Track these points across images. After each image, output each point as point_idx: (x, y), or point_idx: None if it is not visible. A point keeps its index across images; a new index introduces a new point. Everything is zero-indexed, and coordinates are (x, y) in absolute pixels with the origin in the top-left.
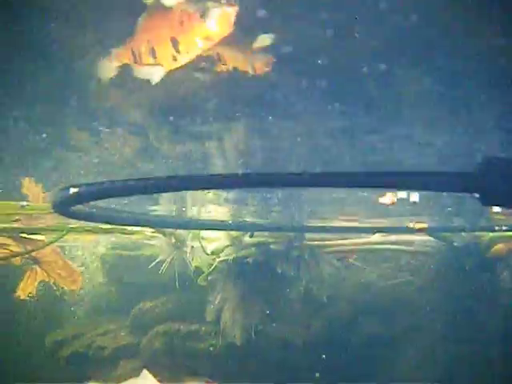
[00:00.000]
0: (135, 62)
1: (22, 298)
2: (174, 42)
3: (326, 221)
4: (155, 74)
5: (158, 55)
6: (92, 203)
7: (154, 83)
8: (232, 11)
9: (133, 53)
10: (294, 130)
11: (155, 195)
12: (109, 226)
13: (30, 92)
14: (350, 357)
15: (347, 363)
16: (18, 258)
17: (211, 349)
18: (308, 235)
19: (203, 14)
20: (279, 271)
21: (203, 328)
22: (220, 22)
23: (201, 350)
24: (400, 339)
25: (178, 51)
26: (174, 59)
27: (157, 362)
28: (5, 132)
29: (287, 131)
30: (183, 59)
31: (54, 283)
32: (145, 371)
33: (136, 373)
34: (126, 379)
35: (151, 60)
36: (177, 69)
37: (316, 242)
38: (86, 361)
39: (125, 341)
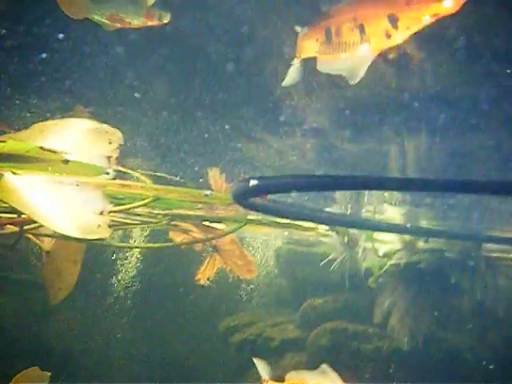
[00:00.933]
0: (328, 43)
1: (201, 282)
2: (392, 19)
3: (506, 232)
4: (359, 63)
5: (368, 31)
6: (271, 197)
7: (354, 79)
8: None
9: (327, 31)
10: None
11: (331, 194)
12: (284, 221)
13: (215, 86)
14: None
15: None
16: (199, 244)
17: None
18: (486, 245)
19: None
20: (452, 280)
21: (370, 330)
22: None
23: (367, 352)
24: None
25: (395, 27)
26: (388, 36)
27: (321, 359)
28: (190, 123)
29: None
30: (399, 36)
31: (231, 271)
32: (324, 366)
33: (301, 367)
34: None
35: (356, 37)
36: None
37: (494, 254)
38: (255, 349)
39: (292, 334)
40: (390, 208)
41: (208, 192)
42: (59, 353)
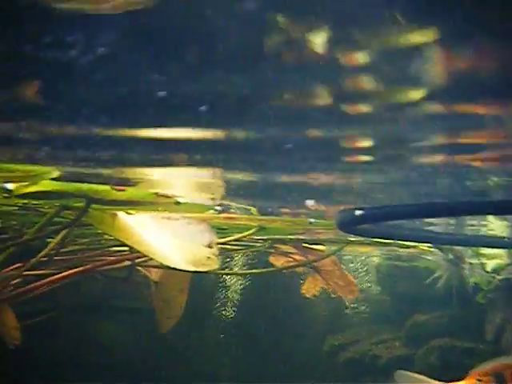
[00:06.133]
0: None
1: (306, 295)
2: None
3: None
4: None
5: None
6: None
7: None
8: None
9: None
10: None
11: None
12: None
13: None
14: None
15: None
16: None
17: None
18: None
19: None
20: None
21: (481, 346)
22: None
23: None
24: None
25: None
26: None
27: (432, 377)
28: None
29: None
30: None
31: (332, 291)
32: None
33: None
34: None
35: None
36: None
37: None
38: (362, 368)
39: (399, 352)
40: (495, 223)
41: (313, 220)
42: (169, 376)
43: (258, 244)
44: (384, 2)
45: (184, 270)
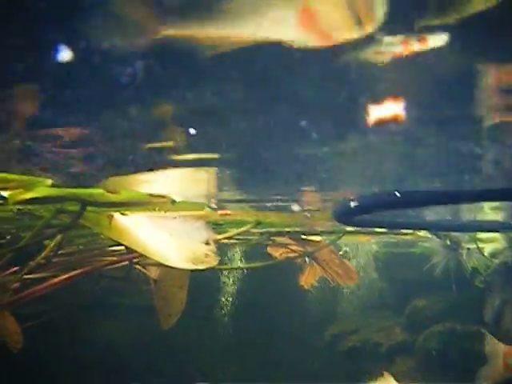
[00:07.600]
0: None
1: (305, 287)
2: None
3: None
4: None
5: None
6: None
7: None
8: None
9: None
10: None
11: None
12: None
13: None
14: None
15: None
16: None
17: None
18: None
19: None
20: None
21: (481, 329)
22: None
23: (478, 353)
24: None
25: None
26: None
27: (432, 362)
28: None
29: None
30: None
31: (332, 280)
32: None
33: (413, 371)
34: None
35: None
36: None
37: None
38: (364, 356)
39: (400, 338)
40: (490, 209)
41: (309, 214)
42: (171, 372)
43: (256, 237)
44: None
45: (183, 269)
